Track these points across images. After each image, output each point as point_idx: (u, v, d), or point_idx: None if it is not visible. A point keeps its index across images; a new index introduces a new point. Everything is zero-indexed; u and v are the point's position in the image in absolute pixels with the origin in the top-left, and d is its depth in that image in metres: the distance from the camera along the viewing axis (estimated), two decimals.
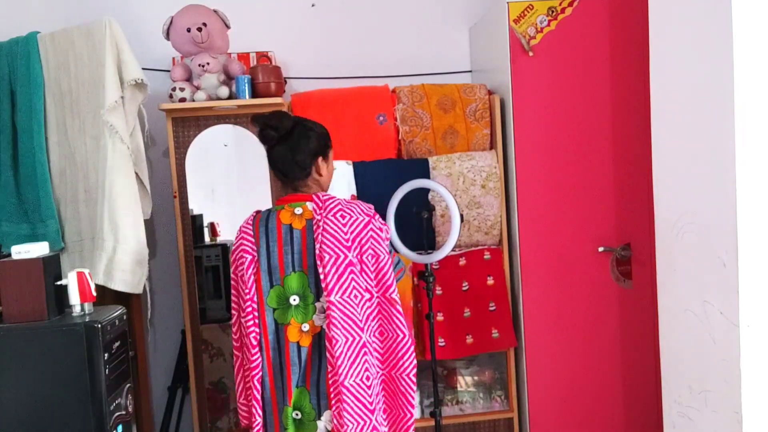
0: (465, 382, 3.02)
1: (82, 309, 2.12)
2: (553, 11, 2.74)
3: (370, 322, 1.92)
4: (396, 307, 1.93)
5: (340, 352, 1.84)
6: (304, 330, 1.91)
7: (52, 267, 2.12)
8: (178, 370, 3.12)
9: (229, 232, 3.01)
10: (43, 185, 2.67)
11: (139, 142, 2.71)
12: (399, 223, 2.56)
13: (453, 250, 2.57)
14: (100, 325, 2.02)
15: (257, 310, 1.92)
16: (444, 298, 2.84)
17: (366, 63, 3.32)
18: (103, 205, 2.55)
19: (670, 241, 2.10)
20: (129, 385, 2.23)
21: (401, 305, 1.95)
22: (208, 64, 2.79)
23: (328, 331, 1.85)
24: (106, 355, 2.05)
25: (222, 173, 3.05)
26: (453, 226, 2.47)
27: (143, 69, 2.71)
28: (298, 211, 1.93)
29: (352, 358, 1.86)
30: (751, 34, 1.73)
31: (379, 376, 1.95)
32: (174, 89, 2.78)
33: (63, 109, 2.68)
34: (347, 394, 1.85)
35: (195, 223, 2.93)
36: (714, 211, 1.86)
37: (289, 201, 1.97)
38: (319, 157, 2.00)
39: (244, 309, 1.93)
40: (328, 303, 1.85)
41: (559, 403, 2.85)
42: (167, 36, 2.85)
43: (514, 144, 2.80)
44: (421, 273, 2.66)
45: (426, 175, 2.82)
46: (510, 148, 2.84)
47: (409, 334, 1.94)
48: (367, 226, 1.93)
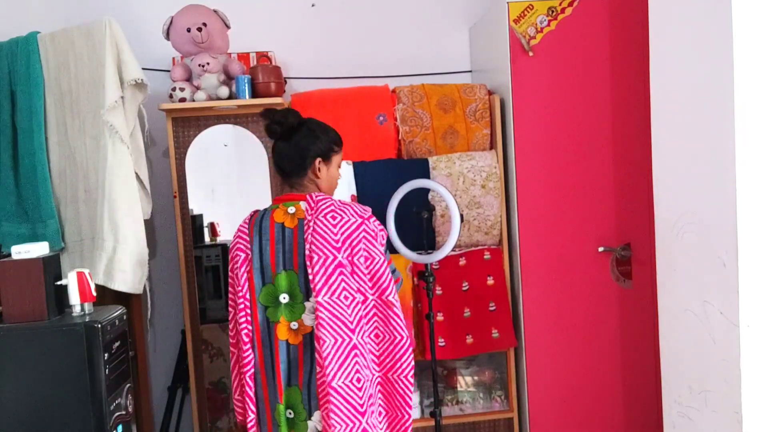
0: (465, 382, 3.02)
1: (82, 309, 2.12)
2: (553, 11, 2.74)
3: (363, 324, 1.91)
4: (393, 309, 1.92)
5: (327, 352, 1.84)
6: (293, 328, 1.91)
7: (52, 267, 2.12)
8: (178, 370, 3.12)
9: (229, 232, 3.01)
10: (43, 185, 2.67)
11: (139, 142, 2.71)
12: (399, 223, 2.56)
13: (453, 250, 2.57)
14: (100, 325, 2.02)
15: (249, 308, 1.93)
16: (444, 298, 2.84)
17: (366, 63, 3.32)
18: (103, 205, 2.55)
19: (670, 241, 2.10)
20: (129, 385, 2.23)
21: (402, 305, 1.95)
22: (208, 64, 2.79)
23: (316, 331, 1.86)
24: (106, 355, 2.05)
25: (222, 173, 3.05)
26: (453, 226, 2.47)
27: (143, 69, 2.71)
28: (291, 210, 1.94)
29: (341, 359, 1.86)
30: (751, 34, 1.73)
31: (373, 379, 1.94)
32: (174, 89, 2.78)
33: (63, 109, 2.68)
34: (335, 395, 1.85)
35: (195, 223, 2.93)
36: (714, 211, 1.86)
37: (284, 200, 1.99)
38: (318, 159, 2.00)
39: (237, 306, 1.95)
40: (317, 303, 1.85)
41: (559, 403, 2.85)
42: (167, 36, 2.85)
43: (514, 144, 2.80)
44: (421, 273, 2.66)
45: (426, 175, 2.82)
46: (510, 148, 2.84)
47: (408, 335, 1.93)
48: (359, 228, 1.92)
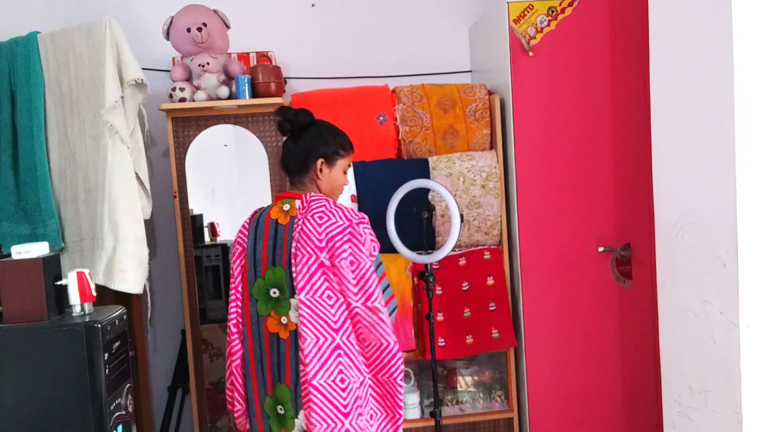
0: (465, 382, 3.02)
1: (82, 309, 2.12)
2: (553, 11, 2.74)
3: (349, 325, 1.91)
4: (379, 315, 1.89)
5: (309, 350, 1.85)
6: (283, 323, 1.93)
7: (52, 267, 2.12)
8: (178, 370, 3.12)
9: (229, 232, 3.01)
10: (43, 185, 2.67)
11: (139, 142, 2.71)
12: (399, 223, 2.56)
13: (453, 250, 2.57)
14: (100, 325, 2.02)
15: (241, 300, 1.99)
16: (444, 298, 2.84)
17: (366, 63, 3.32)
18: (103, 205, 2.55)
19: (670, 241, 2.10)
20: (129, 385, 2.23)
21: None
22: (208, 64, 2.79)
23: (299, 328, 1.87)
24: (106, 355, 2.05)
25: (222, 173, 3.05)
26: (453, 226, 2.47)
27: (143, 69, 2.71)
28: (286, 208, 1.96)
29: (322, 358, 1.86)
30: (751, 34, 1.73)
31: (362, 380, 1.93)
32: (174, 89, 2.78)
33: (63, 109, 2.68)
34: (316, 394, 1.85)
35: (195, 223, 2.93)
36: (714, 211, 1.86)
37: (282, 198, 2.01)
38: (321, 160, 2.00)
39: (230, 296, 2.01)
40: (299, 302, 1.87)
41: (559, 403, 2.85)
42: (167, 36, 2.85)
43: (514, 144, 2.80)
44: (421, 273, 2.66)
45: (426, 175, 2.82)
46: (510, 148, 2.84)
47: (396, 340, 1.91)
48: (344, 231, 1.90)
